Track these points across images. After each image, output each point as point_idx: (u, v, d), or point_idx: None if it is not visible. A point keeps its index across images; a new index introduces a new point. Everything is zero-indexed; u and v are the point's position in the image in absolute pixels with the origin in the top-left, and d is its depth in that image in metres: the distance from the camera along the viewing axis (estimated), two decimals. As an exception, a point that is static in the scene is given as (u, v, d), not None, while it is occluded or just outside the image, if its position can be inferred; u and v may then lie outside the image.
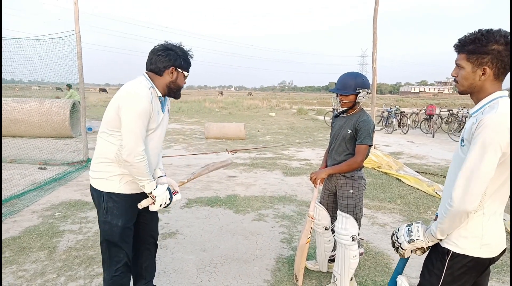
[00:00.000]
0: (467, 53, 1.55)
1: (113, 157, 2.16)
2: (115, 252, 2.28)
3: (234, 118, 19.01)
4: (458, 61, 1.60)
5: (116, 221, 2.23)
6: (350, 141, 2.86)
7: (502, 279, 3.19)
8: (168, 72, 2.22)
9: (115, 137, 2.14)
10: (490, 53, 1.50)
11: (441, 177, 6.89)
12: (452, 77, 1.69)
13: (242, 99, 37.45)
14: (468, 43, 1.55)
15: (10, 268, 3.15)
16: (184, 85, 2.36)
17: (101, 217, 2.25)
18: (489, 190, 1.52)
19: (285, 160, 8.45)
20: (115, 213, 2.22)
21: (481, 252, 1.56)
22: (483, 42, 1.50)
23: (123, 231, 2.25)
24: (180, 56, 2.24)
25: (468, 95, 1.66)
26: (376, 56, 8.59)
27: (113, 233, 2.24)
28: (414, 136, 13.89)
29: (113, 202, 2.21)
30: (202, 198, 5.26)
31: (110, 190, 2.20)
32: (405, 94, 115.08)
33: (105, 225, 2.25)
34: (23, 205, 4.76)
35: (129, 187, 2.23)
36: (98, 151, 2.23)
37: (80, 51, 7.08)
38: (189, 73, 2.34)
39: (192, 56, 2.34)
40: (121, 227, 2.24)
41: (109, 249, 2.29)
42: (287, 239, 3.94)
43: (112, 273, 2.29)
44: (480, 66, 1.53)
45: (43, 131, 10.43)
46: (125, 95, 2.09)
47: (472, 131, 1.49)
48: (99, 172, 2.22)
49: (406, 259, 1.85)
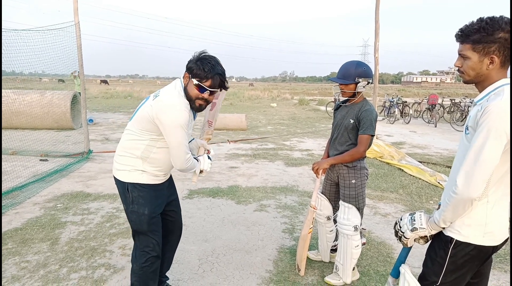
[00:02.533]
0: (473, 43, 1.52)
1: (139, 154, 2.18)
2: (145, 242, 2.29)
3: (235, 109, 18.95)
4: (463, 52, 1.56)
5: (143, 210, 2.22)
6: (352, 131, 2.83)
7: (504, 268, 3.19)
8: (185, 76, 2.14)
9: (144, 136, 2.15)
10: (497, 41, 1.47)
11: (443, 167, 6.87)
12: (455, 67, 1.66)
13: (243, 89, 37.35)
14: (472, 32, 1.51)
15: (13, 259, 3.16)
16: (202, 98, 2.13)
17: (128, 208, 2.25)
18: (493, 178, 1.50)
19: (287, 150, 8.43)
20: (141, 202, 2.22)
21: (484, 240, 1.55)
22: (489, 31, 1.47)
23: (150, 220, 2.25)
24: (192, 61, 2.10)
25: (470, 84, 1.63)
26: (378, 46, 8.50)
27: (141, 222, 2.24)
28: (416, 126, 13.83)
29: (138, 192, 2.21)
30: (204, 189, 5.26)
31: (133, 181, 2.21)
32: (407, 83, 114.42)
33: (132, 215, 2.26)
34: (25, 197, 4.76)
35: (152, 178, 2.25)
36: (124, 145, 2.23)
37: (79, 42, 7.02)
38: (201, 84, 2.07)
39: (217, 71, 2.08)
40: (148, 215, 2.24)
41: (139, 239, 2.31)
42: (289, 229, 3.94)
43: (142, 262, 2.29)
44: (487, 55, 1.50)
45: (45, 123, 10.41)
46: (164, 108, 2.04)
47: (477, 119, 1.47)
48: (123, 165, 2.22)
49: (409, 249, 1.84)
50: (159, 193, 2.31)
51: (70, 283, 2.82)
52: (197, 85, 2.06)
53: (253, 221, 4.13)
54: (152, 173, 2.23)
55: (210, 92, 2.11)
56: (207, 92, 2.09)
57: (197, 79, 2.06)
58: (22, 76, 12.29)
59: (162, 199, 2.37)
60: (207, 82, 2.07)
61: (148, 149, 2.16)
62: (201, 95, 2.10)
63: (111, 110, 17.12)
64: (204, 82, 2.06)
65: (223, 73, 2.12)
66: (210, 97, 2.15)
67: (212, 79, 2.06)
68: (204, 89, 2.07)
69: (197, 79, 2.06)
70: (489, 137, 1.41)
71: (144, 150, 2.16)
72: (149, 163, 2.20)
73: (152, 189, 2.26)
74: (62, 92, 11.08)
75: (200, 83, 2.06)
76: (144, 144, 2.16)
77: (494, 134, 1.41)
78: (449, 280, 1.64)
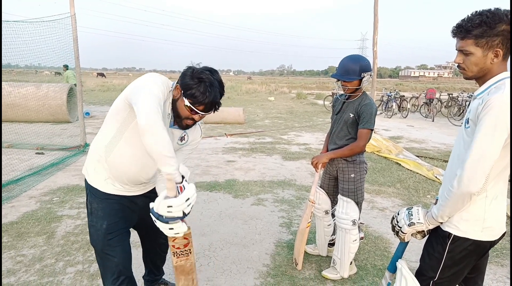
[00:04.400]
0: (475, 38, 1.48)
1: (102, 152, 1.92)
2: (105, 262, 2.01)
3: (233, 103, 18.89)
4: (465, 47, 1.52)
5: (101, 224, 1.96)
6: (352, 125, 2.80)
7: (501, 262, 3.19)
8: (177, 88, 1.85)
9: (111, 128, 1.90)
10: (500, 34, 1.45)
11: (441, 161, 6.88)
12: (452, 62, 1.64)
13: (241, 83, 37.21)
14: (474, 27, 1.47)
15: (9, 253, 3.13)
16: (191, 119, 1.86)
17: (88, 220, 2.03)
18: (492, 173, 1.49)
19: (284, 144, 8.41)
20: (99, 215, 1.97)
21: (482, 235, 1.55)
22: (491, 24, 1.44)
23: (106, 235, 1.96)
24: (188, 76, 1.81)
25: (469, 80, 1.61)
26: (377, 39, 8.47)
27: (98, 237, 1.97)
28: (414, 120, 13.84)
29: (98, 203, 1.98)
30: (201, 183, 5.24)
31: (95, 185, 1.99)
32: (405, 78, 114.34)
33: (90, 229, 2.02)
34: (20, 190, 4.73)
35: (115, 187, 1.99)
36: (93, 143, 2.03)
37: (75, 34, 6.95)
38: (193, 108, 1.80)
39: (214, 97, 1.80)
40: (105, 230, 1.95)
41: (98, 259, 2.05)
42: (286, 223, 3.93)
43: (109, 285, 2.03)
44: (491, 49, 1.47)
45: (40, 115, 10.34)
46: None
47: (478, 112, 1.45)
48: (87, 162, 2.03)
49: (406, 243, 1.84)
50: (122, 207, 2.01)
51: (66, 277, 2.80)
52: (189, 107, 1.81)
53: (250, 215, 4.12)
54: (117, 178, 1.96)
55: (201, 116, 1.88)
56: (198, 115, 1.86)
57: (189, 101, 1.80)
58: (18, 68, 12.15)
59: (126, 213, 2.05)
60: (200, 107, 1.81)
61: (113, 143, 1.89)
62: (192, 116, 1.86)
63: (108, 103, 17.01)
64: (197, 106, 1.81)
65: (220, 96, 1.87)
66: (199, 118, 1.90)
67: (206, 105, 1.81)
68: (196, 112, 1.83)
69: (190, 100, 1.80)
70: (491, 130, 1.40)
71: (108, 144, 1.89)
72: (111, 166, 1.92)
73: (116, 201, 1.98)
74: (58, 84, 11.00)
75: (192, 107, 1.81)
76: (110, 136, 1.90)
77: (495, 128, 1.39)
78: (447, 275, 1.64)
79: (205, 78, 1.79)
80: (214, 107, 1.86)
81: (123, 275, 2.02)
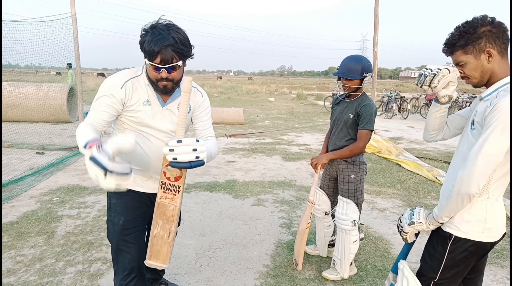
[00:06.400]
0: (462, 47, 1.54)
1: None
2: (119, 257, 2.02)
3: (233, 103, 18.89)
4: (458, 60, 1.58)
5: (118, 219, 1.97)
6: (352, 126, 2.80)
7: (501, 263, 3.19)
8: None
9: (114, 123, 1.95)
10: (482, 35, 1.49)
11: (441, 162, 6.88)
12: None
13: (241, 84, 37.26)
14: (456, 39, 1.54)
15: (9, 253, 3.13)
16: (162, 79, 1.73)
17: (107, 215, 2.05)
18: (496, 175, 1.50)
19: (285, 145, 8.41)
20: (118, 210, 1.98)
21: (483, 236, 1.56)
22: (471, 30, 1.50)
23: (122, 231, 1.97)
24: (142, 35, 1.72)
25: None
26: (377, 40, 8.47)
27: (114, 233, 1.99)
28: (414, 121, 13.83)
29: (116, 198, 1.99)
30: (201, 183, 5.24)
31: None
32: (405, 79, 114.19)
33: (108, 224, 2.03)
34: (21, 190, 4.73)
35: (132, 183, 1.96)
36: None
37: (76, 34, 6.95)
38: (152, 63, 1.68)
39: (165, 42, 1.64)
40: (121, 225, 1.97)
41: (112, 253, 2.05)
42: (286, 224, 3.93)
43: (119, 281, 2.03)
44: (481, 52, 1.51)
45: (41, 115, 10.34)
46: None
47: (485, 115, 1.45)
48: None
49: (410, 245, 1.84)
50: (141, 204, 2.01)
51: (66, 277, 2.80)
52: (150, 65, 1.70)
53: (250, 216, 4.12)
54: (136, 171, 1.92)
55: (167, 69, 1.70)
56: (163, 71, 1.70)
57: (147, 59, 1.69)
58: (18, 68, 12.16)
59: (144, 210, 2.04)
60: (157, 59, 1.67)
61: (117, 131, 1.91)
62: (159, 75, 1.72)
63: (108, 103, 17.00)
64: (154, 60, 1.67)
65: (178, 40, 1.66)
66: (172, 75, 1.73)
67: (161, 53, 1.65)
68: (157, 67, 1.69)
69: (147, 58, 1.69)
70: (498, 134, 1.40)
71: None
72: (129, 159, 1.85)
73: (135, 198, 1.97)
74: (58, 84, 11.00)
75: (151, 63, 1.68)
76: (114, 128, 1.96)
77: (502, 132, 1.40)
78: (447, 276, 1.64)
79: (150, 27, 1.70)
80: (176, 53, 1.68)
81: (134, 272, 2.02)
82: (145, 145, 1.90)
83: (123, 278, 2.02)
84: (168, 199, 1.77)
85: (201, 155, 1.59)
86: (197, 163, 1.59)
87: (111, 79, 1.82)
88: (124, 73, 1.85)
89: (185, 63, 1.82)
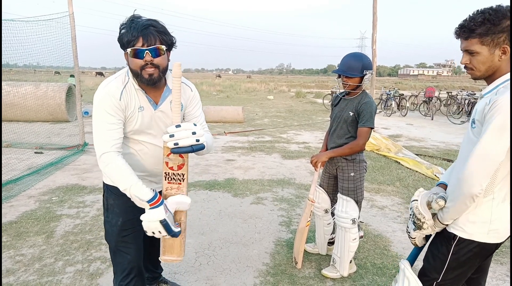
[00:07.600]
0: (480, 37, 1.44)
1: None
2: (118, 258, 2.02)
3: (232, 102, 18.88)
4: (471, 47, 1.48)
5: (116, 220, 1.97)
6: (352, 123, 2.80)
7: (500, 260, 3.20)
8: (124, 55, 1.75)
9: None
10: (505, 30, 1.41)
11: (440, 160, 6.88)
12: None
13: (240, 82, 37.21)
14: (477, 26, 1.44)
15: (8, 253, 3.13)
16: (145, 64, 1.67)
17: (104, 216, 2.04)
18: (499, 175, 1.46)
19: (284, 143, 8.41)
20: (115, 212, 1.97)
21: (488, 237, 1.52)
22: (495, 21, 1.40)
23: (121, 232, 1.97)
24: (120, 28, 1.71)
25: (468, 77, 1.58)
26: (376, 37, 8.46)
27: (112, 234, 1.99)
28: (413, 118, 13.83)
29: (114, 199, 1.97)
30: (200, 182, 5.23)
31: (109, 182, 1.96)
32: (404, 76, 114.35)
33: (106, 225, 2.02)
34: (19, 190, 4.72)
35: None
36: None
37: (74, 33, 6.92)
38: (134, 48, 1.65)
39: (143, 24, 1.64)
40: (120, 226, 1.96)
41: (111, 254, 2.05)
42: (285, 222, 3.93)
43: (119, 281, 2.04)
44: (497, 46, 1.44)
45: (39, 115, 10.32)
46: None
47: (485, 112, 1.42)
48: None
49: (420, 248, 1.79)
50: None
51: (66, 277, 2.80)
52: (132, 52, 1.66)
53: (250, 214, 4.12)
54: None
55: (151, 51, 1.65)
56: (147, 54, 1.65)
57: (128, 47, 1.66)
58: (17, 68, 12.12)
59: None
60: (139, 42, 1.64)
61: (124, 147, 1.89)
62: (143, 61, 1.66)
63: (106, 103, 17.00)
64: (136, 43, 1.65)
65: (154, 23, 1.67)
66: (157, 61, 1.69)
67: (142, 36, 1.63)
68: (141, 50, 1.65)
69: (128, 46, 1.66)
70: (498, 132, 1.37)
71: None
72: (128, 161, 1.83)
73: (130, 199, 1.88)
74: (57, 84, 10.98)
75: (133, 47, 1.65)
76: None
77: (503, 130, 1.36)
78: (450, 277, 1.62)
79: (131, 18, 1.71)
80: (156, 37, 1.67)
81: (133, 272, 2.03)
82: (142, 152, 1.93)
83: (122, 279, 2.02)
84: (174, 189, 1.76)
85: (201, 139, 1.62)
86: (198, 146, 1.62)
87: (108, 93, 1.74)
88: (116, 83, 1.78)
89: (169, 54, 1.80)
